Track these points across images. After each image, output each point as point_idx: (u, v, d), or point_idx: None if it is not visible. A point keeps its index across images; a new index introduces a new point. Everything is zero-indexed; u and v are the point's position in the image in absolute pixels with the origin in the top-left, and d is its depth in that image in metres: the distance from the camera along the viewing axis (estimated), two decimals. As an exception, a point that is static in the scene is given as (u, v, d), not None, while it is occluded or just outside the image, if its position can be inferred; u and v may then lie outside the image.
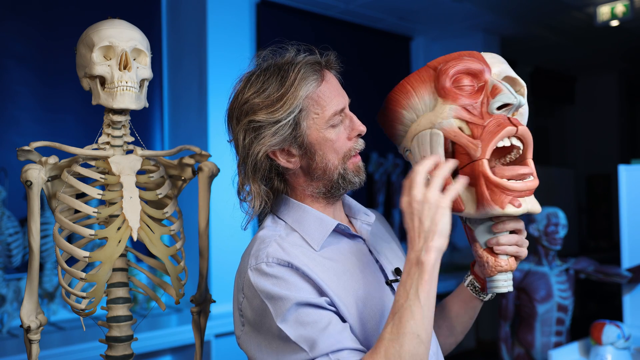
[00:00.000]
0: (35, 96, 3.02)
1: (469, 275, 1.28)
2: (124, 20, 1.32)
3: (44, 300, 2.86)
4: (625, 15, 4.01)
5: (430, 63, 1.10)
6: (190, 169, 1.46)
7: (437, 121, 1.07)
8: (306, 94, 1.11)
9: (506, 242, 1.10)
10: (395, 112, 1.13)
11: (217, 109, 3.23)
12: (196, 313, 1.44)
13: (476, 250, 1.14)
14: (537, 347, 3.05)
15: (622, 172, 2.63)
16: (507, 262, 1.11)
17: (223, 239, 3.10)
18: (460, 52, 1.11)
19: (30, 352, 1.27)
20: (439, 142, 1.07)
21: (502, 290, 1.12)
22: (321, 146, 1.13)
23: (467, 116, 1.05)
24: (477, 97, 1.07)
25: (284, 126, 1.10)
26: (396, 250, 1.30)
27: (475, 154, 1.03)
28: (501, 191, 1.03)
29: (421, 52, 5.06)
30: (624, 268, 2.67)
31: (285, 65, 1.14)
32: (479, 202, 1.04)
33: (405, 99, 1.11)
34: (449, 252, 5.00)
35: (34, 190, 1.25)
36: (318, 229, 1.14)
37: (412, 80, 1.11)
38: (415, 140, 1.12)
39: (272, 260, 1.06)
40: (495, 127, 1.04)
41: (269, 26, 3.84)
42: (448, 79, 1.07)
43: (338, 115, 1.13)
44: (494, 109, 1.06)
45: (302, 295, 1.03)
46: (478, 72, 1.08)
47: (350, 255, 1.16)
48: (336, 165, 1.14)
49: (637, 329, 2.52)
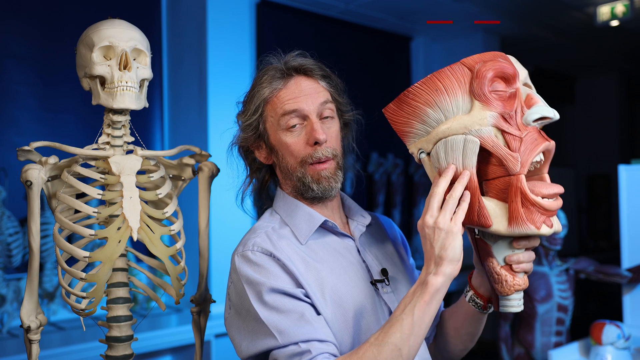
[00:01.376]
0: (35, 96, 3.02)
1: (469, 290, 1.25)
2: (124, 20, 1.32)
3: (44, 300, 2.86)
4: (625, 15, 4.01)
5: (465, 61, 1.00)
6: (190, 169, 1.46)
7: (475, 127, 0.98)
8: (263, 97, 1.20)
9: (526, 259, 1.06)
10: (417, 109, 1.02)
11: (217, 109, 3.23)
12: (196, 313, 1.44)
13: (493, 267, 1.07)
14: (537, 347, 3.05)
15: (622, 172, 2.63)
16: (524, 280, 1.05)
17: (223, 239, 3.10)
18: (493, 52, 1.02)
19: (30, 352, 1.27)
20: (474, 151, 0.98)
21: (516, 309, 1.07)
22: (280, 148, 1.20)
23: (505, 126, 0.98)
24: (512, 105, 0.99)
25: (249, 126, 1.22)
26: (391, 253, 1.30)
27: (514, 168, 0.97)
28: (537, 210, 0.98)
29: (421, 52, 5.06)
30: (624, 268, 2.67)
31: (261, 70, 1.23)
32: (512, 220, 0.98)
33: (433, 95, 1.00)
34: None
35: (34, 190, 1.25)
36: (306, 223, 1.19)
37: (444, 77, 1.00)
38: (441, 144, 1.01)
39: (257, 249, 1.13)
40: (533, 140, 0.98)
41: (269, 26, 3.84)
42: (488, 82, 0.98)
43: (289, 117, 1.17)
44: (530, 121, 0.99)
45: (278, 284, 1.08)
46: (511, 77, 1.00)
47: (335, 252, 1.19)
48: (294, 169, 1.19)
49: (637, 329, 2.52)
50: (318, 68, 1.23)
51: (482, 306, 1.23)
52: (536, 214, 0.98)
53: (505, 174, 0.99)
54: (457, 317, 1.30)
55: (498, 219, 1.00)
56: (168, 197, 1.38)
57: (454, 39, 5.01)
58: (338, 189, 1.21)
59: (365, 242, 1.26)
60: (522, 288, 1.06)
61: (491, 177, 1.02)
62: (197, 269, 1.48)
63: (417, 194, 4.75)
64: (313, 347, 1.02)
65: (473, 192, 1.00)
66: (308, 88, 1.19)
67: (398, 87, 4.89)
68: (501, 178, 1.00)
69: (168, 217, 1.36)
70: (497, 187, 1.01)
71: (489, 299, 1.23)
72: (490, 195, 1.03)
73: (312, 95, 1.18)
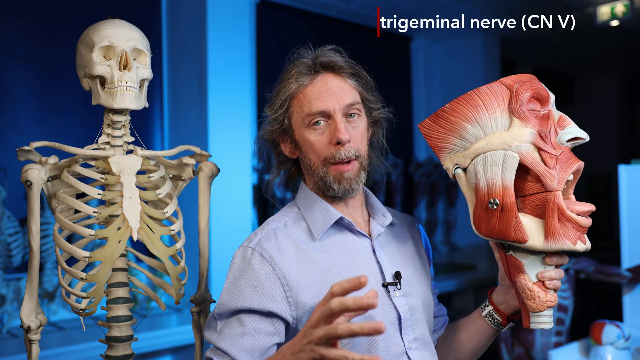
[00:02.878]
0: (35, 96, 3.02)
1: (488, 305, 1.24)
2: (124, 20, 1.32)
3: (44, 300, 2.86)
4: (625, 15, 4.01)
5: (504, 80, 1.05)
6: (190, 169, 1.46)
7: (514, 144, 1.01)
8: (290, 92, 1.19)
9: (558, 275, 1.07)
10: (456, 124, 1.06)
11: (217, 109, 3.23)
12: (196, 313, 1.44)
13: (524, 283, 1.07)
14: (537, 347, 3.05)
15: (622, 172, 2.63)
16: (555, 297, 1.07)
17: (223, 239, 3.10)
18: (528, 74, 1.07)
19: (30, 352, 1.27)
20: (513, 166, 1.01)
21: (546, 326, 1.07)
22: (304, 144, 1.20)
23: (542, 144, 1.02)
24: (547, 125, 1.03)
25: (276, 119, 1.22)
26: (411, 256, 1.27)
27: (551, 185, 1.00)
28: (573, 226, 1.01)
29: (421, 52, 5.06)
30: (624, 268, 2.67)
31: (289, 65, 1.23)
32: (549, 235, 1.00)
33: (472, 112, 1.04)
34: (449, 252, 5.00)
35: (34, 190, 1.25)
36: (322, 219, 1.18)
37: (483, 94, 1.04)
38: (480, 160, 1.04)
39: (258, 249, 1.14)
40: (567, 159, 1.02)
41: (269, 26, 3.84)
42: (526, 100, 1.03)
43: (313, 117, 1.16)
44: (564, 140, 1.03)
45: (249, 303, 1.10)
46: (545, 99, 1.05)
47: (347, 251, 1.18)
48: (317, 166, 1.18)
49: (637, 329, 2.52)
50: (347, 66, 1.21)
51: (501, 322, 1.23)
52: (571, 230, 1.01)
53: (542, 190, 1.01)
54: (465, 331, 1.28)
55: (534, 234, 1.02)
56: (168, 197, 1.38)
57: (454, 39, 5.01)
58: (359, 190, 1.20)
59: (383, 242, 1.24)
60: (554, 305, 1.07)
61: (527, 194, 1.04)
62: (197, 269, 1.48)
63: (417, 194, 4.75)
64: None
65: (511, 208, 1.01)
66: (335, 86, 1.17)
67: (398, 87, 4.89)
68: (537, 194, 1.02)
69: (168, 217, 1.36)
70: (533, 203, 1.03)
71: (508, 317, 1.23)
72: (526, 211, 1.05)
73: (339, 94, 1.16)
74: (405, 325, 1.16)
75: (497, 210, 1.02)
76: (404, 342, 1.14)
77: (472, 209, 1.07)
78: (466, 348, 1.29)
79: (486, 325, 1.24)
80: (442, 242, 5.00)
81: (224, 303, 1.12)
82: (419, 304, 1.21)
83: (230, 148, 3.21)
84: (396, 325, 1.15)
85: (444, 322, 1.36)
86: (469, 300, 4.64)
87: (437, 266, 4.80)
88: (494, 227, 1.03)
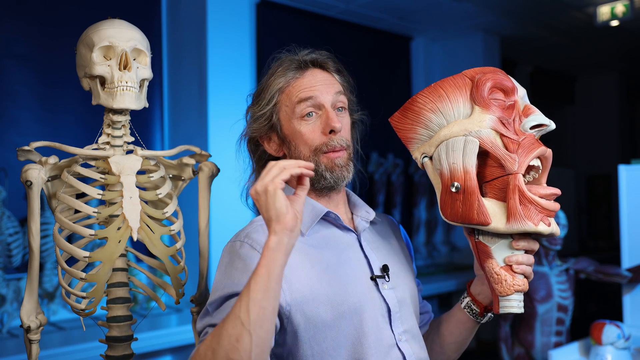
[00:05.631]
0: (35, 96, 3.02)
1: (466, 297, 1.26)
2: (124, 20, 1.32)
3: (44, 300, 2.87)
4: (625, 15, 4.01)
5: (466, 72, 1.09)
6: (190, 169, 1.46)
7: (474, 129, 1.05)
8: (278, 87, 1.21)
9: (526, 260, 1.08)
10: (421, 115, 1.10)
11: (217, 109, 3.23)
12: (196, 313, 1.44)
13: (492, 267, 1.09)
14: (537, 347, 3.05)
15: (622, 172, 2.63)
16: (523, 282, 1.08)
17: (223, 239, 3.08)
18: (493, 67, 1.11)
19: (30, 352, 1.27)
20: (473, 150, 1.04)
21: (515, 310, 1.09)
22: (294, 137, 1.21)
23: (503, 129, 1.05)
24: (510, 113, 1.07)
25: (262, 116, 1.22)
26: (396, 250, 1.30)
27: (511, 168, 1.02)
28: (535, 208, 1.02)
29: (421, 52, 5.06)
30: (624, 268, 2.67)
31: (274, 63, 1.24)
32: (510, 216, 1.02)
33: (436, 102, 1.09)
34: (449, 252, 5.00)
35: (34, 190, 1.25)
36: (309, 215, 1.19)
37: (446, 85, 1.09)
38: (443, 146, 1.08)
39: (247, 240, 1.14)
40: (530, 144, 1.04)
41: (268, 26, 3.84)
42: (487, 89, 1.06)
43: (304, 105, 1.18)
44: (527, 127, 1.06)
45: (241, 287, 1.06)
46: (510, 90, 1.08)
47: (336, 246, 1.19)
48: (307, 158, 1.20)
49: (637, 329, 2.52)
50: (333, 62, 1.25)
51: (478, 313, 1.24)
52: (533, 212, 1.02)
53: (504, 174, 1.04)
54: (447, 325, 1.30)
55: (497, 217, 1.04)
56: (168, 197, 1.38)
57: (454, 39, 5.01)
58: (349, 179, 1.22)
59: (369, 237, 1.26)
60: (522, 289, 1.08)
61: (490, 179, 1.07)
62: (197, 269, 1.48)
63: (417, 194, 4.75)
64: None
65: (472, 191, 1.04)
66: (323, 79, 1.21)
67: (398, 87, 4.89)
68: (499, 178, 1.05)
69: (168, 217, 1.36)
70: (496, 187, 1.06)
71: (485, 307, 1.24)
72: (490, 196, 1.08)
73: (328, 85, 1.20)
74: (395, 318, 1.17)
75: (460, 193, 1.05)
76: (395, 335, 1.16)
77: (439, 195, 1.11)
78: (448, 341, 1.30)
79: (465, 317, 1.26)
80: (442, 242, 4.99)
81: (216, 292, 1.10)
82: (407, 296, 1.22)
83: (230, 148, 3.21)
84: (386, 318, 1.16)
85: (429, 318, 1.38)
86: (469, 300, 4.64)
87: (437, 266, 4.80)
88: (458, 210, 1.06)
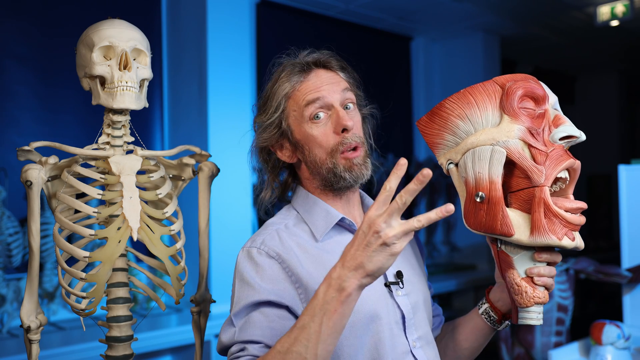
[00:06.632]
0: (35, 96, 3.02)
1: (484, 302, 1.25)
2: (124, 20, 1.32)
3: (44, 300, 2.86)
4: (625, 15, 4.01)
5: (497, 79, 1.07)
6: (190, 169, 1.46)
7: (502, 139, 1.02)
8: (284, 93, 1.18)
9: (548, 273, 1.06)
10: (448, 121, 1.08)
11: (217, 109, 3.24)
12: (196, 313, 1.44)
13: (513, 278, 1.08)
14: (537, 347, 3.05)
15: (622, 172, 2.63)
16: (544, 294, 1.07)
17: (223, 239, 3.10)
18: (525, 74, 1.08)
19: (30, 352, 1.27)
20: (500, 160, 1.02)
21: (534, 322, 1.07)
22: (306, 141, 1.18)
23: (532, 140, 1.02)
24: (540, 123, 1.05)
25: (271, 124, 1.20)
26: (409, 255, 1.28)
27: (538, 180, 1.00)
28: (560, 222, 1.00)
29: (421, 52, 5.06)
30: (624, 268, 2.67)
31: (276, 70, 1.22)
32: (534, 229, 1.01)
33: (464, 108, 1.06)
34: (449, 251, 5.00)
35: (34, 190, 1.25)
36: (323, 220, 1.18)
37: (475, 92, 1.06)
38: (469, 154, 1.06)
39: (264, 248, 1.12)
40: (559, 156, 1.02)
41: (268, 26, 3.84)
42: (517, 98, 1.04)
43: (312, 107, 1.16)
44: (557, 138, 1.04)
45: (266, 296, 1.08)
46: (541, 98, 1.06)
47: None
48: (324, 160, 1.17)
49: (637, 329, 2.52)
50: (335, 60, 1.23)
51: (496, 320, 1.23)
52: (558, 226, 1.01)
53: (530, 186, 1.02)
54: (463, 330, 1.29)
55: (520, 229, 1.02)
56: (168, 197, 1.38)
57: (454, 39, 5.01)
58: (368, 177, 1.20)
59: None
60: (542, 302, 1.07)
61: (516, 189, 1.05)
62: (197, 269, 1.48)
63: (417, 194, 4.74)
64: (247, 347, 1.05)
65: (497, 202, 1.02)
66: (329, 79, 1.18)
67: (398, 87, 4.89)
68: (525, 190, 1.03)
69: (168, 217, 1.36)
70: (521, 198, 1.04)
71: (504, 315, 1.23)
72: (514, 206, 1.06)
73: (334, 84, 1.18)
74: (409, 324, 1.16)
75: (484, 203, 1.04)
76: (409, 341, 1.14)
77: (463, 203, 1.09)
78: (463, 347, 1.29)
79: (483, 323, 1.25)
80: (442, 242, 5.00)
81: (240, 302, 1.09)
82: (421, 302, 1.21)
83: (230, 148, 3.21)
84: (400, 325, 1.15)
85: (440, 321, 1.36)
86: (469, 300, 4.64)
87: (437, 266, 4.80)
88: (481, 220, 1.04)
